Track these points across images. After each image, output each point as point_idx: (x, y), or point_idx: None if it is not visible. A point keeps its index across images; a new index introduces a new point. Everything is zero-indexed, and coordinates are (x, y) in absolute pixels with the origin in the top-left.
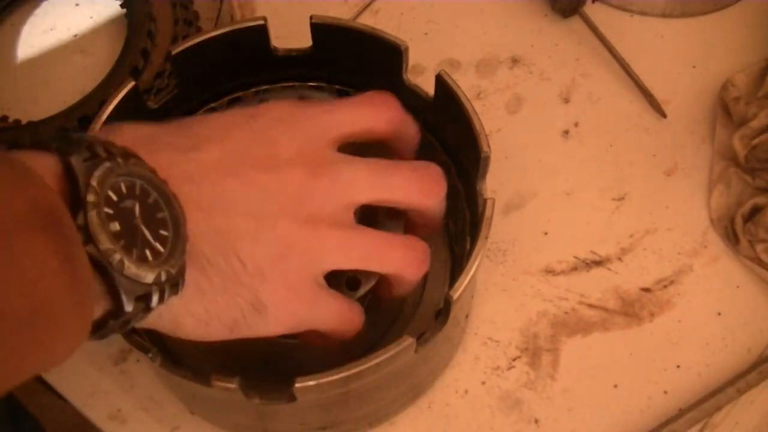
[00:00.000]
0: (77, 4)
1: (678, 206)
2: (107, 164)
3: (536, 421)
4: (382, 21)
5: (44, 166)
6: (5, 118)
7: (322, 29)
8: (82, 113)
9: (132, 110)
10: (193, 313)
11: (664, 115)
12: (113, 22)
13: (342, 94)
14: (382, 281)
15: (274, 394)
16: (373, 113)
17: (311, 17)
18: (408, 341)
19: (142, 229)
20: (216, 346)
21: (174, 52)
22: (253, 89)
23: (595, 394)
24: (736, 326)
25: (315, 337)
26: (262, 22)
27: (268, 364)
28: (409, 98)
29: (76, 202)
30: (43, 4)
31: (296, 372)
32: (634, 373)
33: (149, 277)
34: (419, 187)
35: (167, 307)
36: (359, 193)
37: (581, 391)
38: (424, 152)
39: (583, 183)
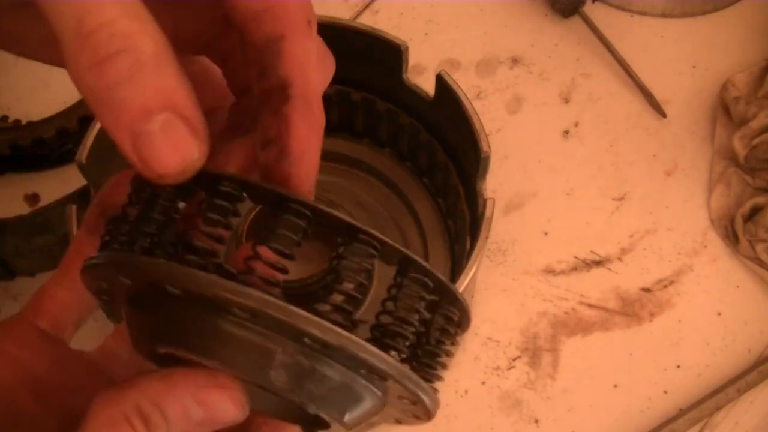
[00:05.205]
0: None
1: (678, 206)
2: None
3: (536, 421)
4: (382, 21)
5: None
6: (5, 118)
7: (321, 29)
8: (82, 113)
9: None
10: None
11: (664, 115)
12: None
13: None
14: None
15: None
16: None
17: None
18: None
19: None
20: None
21: None
22: None
23: (595, 394)
24: (736, 326)
25: None
26: None
27: None
28: (409, 98)
29: None
30: None
31: None
32: (634, 373)
33: None
34: None
35: None
36: None
37: (581, 391)
38: (424, 152)
39: (583, 183)
